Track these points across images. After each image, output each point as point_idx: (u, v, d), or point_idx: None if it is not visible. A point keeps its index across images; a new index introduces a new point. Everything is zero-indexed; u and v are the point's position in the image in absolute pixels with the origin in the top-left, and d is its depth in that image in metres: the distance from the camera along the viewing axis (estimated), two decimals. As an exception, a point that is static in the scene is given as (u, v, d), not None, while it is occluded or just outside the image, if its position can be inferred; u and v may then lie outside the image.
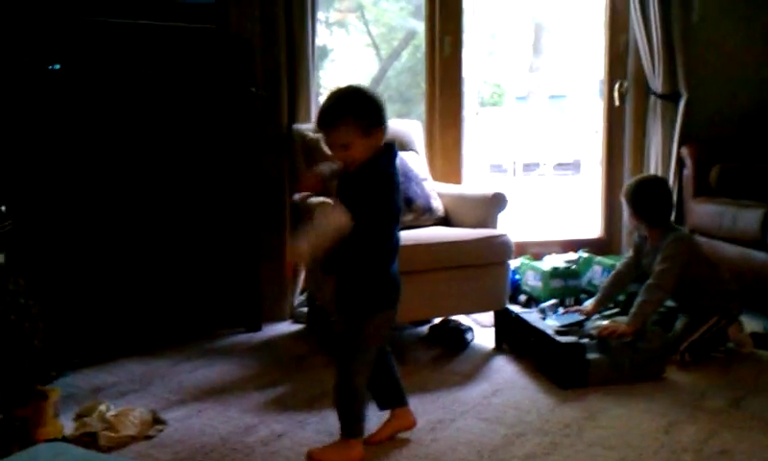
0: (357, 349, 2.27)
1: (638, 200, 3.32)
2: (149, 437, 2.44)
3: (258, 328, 3.71)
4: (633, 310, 3.08)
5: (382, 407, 2.46)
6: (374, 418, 2.43)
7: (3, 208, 2.83)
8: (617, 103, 4.57)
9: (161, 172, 3.41)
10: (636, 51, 4.42)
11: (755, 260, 3.67)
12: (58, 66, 3.20)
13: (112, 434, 2.38)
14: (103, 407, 2.51)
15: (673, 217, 3.61)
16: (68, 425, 2.46)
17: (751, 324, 3.52)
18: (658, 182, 3.50)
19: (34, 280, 2.52)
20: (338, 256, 2.21)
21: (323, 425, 2.52)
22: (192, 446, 2.39)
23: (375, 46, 7.68)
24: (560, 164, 11.06)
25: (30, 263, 2.89)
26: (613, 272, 3.48)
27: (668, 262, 3.14)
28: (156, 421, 2.54)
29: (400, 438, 2.42)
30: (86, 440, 2.34)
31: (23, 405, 2.32)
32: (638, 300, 3.10)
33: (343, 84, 2.32)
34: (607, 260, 3.98)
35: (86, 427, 2.41)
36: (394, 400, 2.46)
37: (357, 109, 2.18)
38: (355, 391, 2.28)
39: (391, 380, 2.45)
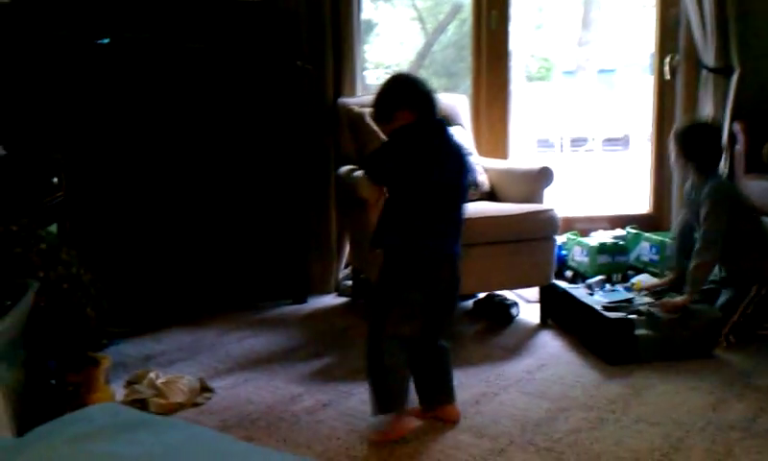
0: (382, 314, 2.29)
1: (688, 140, 3.28)
2: (197, 404, 2.50)
3: (304, 301, 3.75)
4: (687, 279, 3.04)
5: (422, 402, 2.40)
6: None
7: (55, 180, 2.89)
8: (668, 77, 4.48)
9: (210, 145, 3.45)
10: (688, 24, 4.31)
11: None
12: (107, 40, 3.25)
13: (162, 401, 2.43)
14: (152, 375, 2.57)
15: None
16: (119, 392, 2.52)
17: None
18: (711, 127, 3.46)
19: (86, 250, 2.58)
20: (379, 229, 2.32)
21: (367, 396, 2.51)
22: (239, 413, 2.43)
23: (421, 20, 7.63)
24: (608, 139, 10.90)
25: (82, 233, 2.96)
26: (675, 237, 3.41)
27: (710, 219, 3.09)
28: (204, 388, 2.59)
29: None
30: (137, 406, 2.38)
31: (76, 371, 2.38)
32: (690, 266, 3.06)
33: (391, 68, 2.46)
34: (655, 237, 3.92)
35: (136, 394, 2.47)
36: (435, 397, 2.40)
37: (375, 108, 2.44)
38: (382, 355, 2.25)
39: (435, 376, 2.39)
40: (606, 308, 2.99)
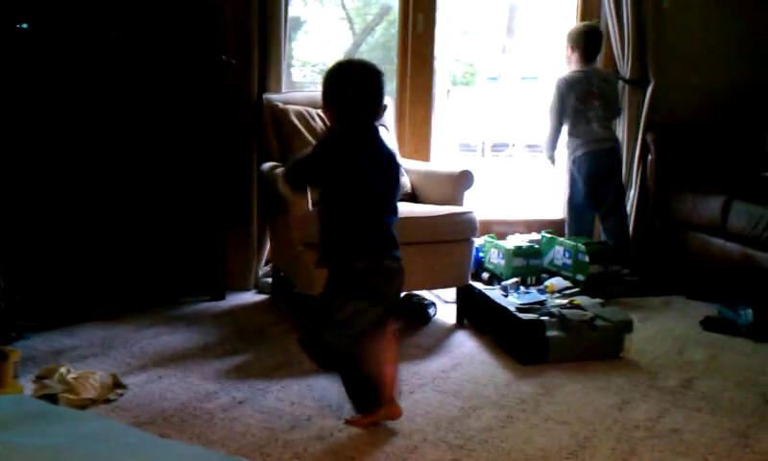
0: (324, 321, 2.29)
1: (578, 35, 4.22)
2: (109, 400, 2.45)
3: (222, 297, 3.72)
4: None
5: (358, 410, 2.36)
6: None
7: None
8: (586, 86, 4.60)
9: (128, 137, 3.38)
10: (607, 36, 4.45)
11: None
12: (25, 25, 3.16)
13: (72, 396, 2.38)
14: (63, 370, 2.51)
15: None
16: (28, 387, 2.45)
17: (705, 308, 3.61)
18: (592, 26, 4.30)
19: (-4, 241, 2.52)
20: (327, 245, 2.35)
21: (283, 394, 2.55)
22: (152, 410, 2.40)
23: (349, 20, 7.63)
24: (529, 145, 11.10)
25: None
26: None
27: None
28: (117, 385, 2.55)
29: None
30: (46, 401, 2.33)
31: (-18, 365, 2.32)
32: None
33: (317, 67, 2.43)
34: (568, 241, 4.04)
35: (46, 389, 2.41)
36: (372, 401, 2.33)
37: (322, 91, 2.32)
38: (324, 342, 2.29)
39: (370, 383, 2.32)
40: (519, 310, 3.06)
